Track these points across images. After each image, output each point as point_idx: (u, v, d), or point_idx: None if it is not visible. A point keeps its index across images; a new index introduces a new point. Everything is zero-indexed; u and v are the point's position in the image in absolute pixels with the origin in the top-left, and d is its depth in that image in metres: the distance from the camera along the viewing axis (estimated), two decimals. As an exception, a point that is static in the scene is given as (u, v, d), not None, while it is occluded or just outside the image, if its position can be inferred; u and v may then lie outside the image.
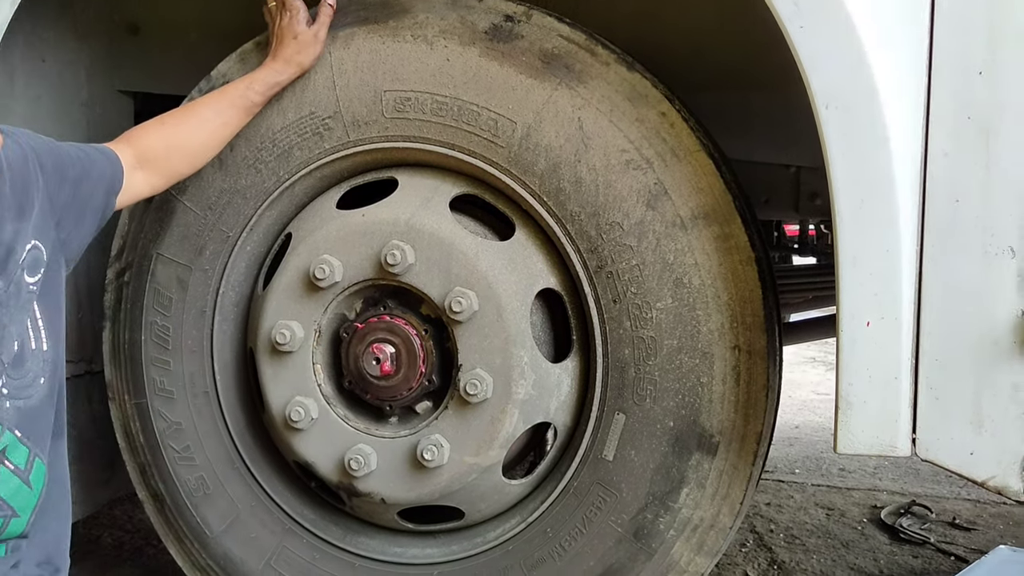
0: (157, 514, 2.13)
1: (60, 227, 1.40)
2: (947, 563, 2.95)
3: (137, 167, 1.63)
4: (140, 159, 1.64)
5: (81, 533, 3.02)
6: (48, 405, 1.36)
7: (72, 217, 1.44)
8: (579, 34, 1.74)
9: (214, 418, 2.01)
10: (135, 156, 1.63)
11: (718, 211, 1.68)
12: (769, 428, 1.75)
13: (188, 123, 1.74)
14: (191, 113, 1.77)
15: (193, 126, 1.74)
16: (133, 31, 2.31)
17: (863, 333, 1.50)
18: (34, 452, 1.33)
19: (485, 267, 1.75)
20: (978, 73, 1.44)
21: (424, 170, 1.87)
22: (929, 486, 3.83)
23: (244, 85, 1.77)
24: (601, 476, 1.79)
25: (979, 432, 1.48)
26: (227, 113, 1.76)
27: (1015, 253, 1.44)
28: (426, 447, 1.79)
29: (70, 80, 2.24)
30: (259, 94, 1.78)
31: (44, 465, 1.36)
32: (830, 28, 1.46)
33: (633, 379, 1.74)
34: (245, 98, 1.76)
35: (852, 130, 1.47)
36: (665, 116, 1.69)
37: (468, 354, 1.77)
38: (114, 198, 1.55)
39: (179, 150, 1.72)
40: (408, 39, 1.79)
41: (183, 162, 1.75)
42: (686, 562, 1.79)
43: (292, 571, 2.02)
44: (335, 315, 1.89)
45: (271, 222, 1.96)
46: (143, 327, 2.02)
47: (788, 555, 3.02)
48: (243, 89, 1.77)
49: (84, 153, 1.51)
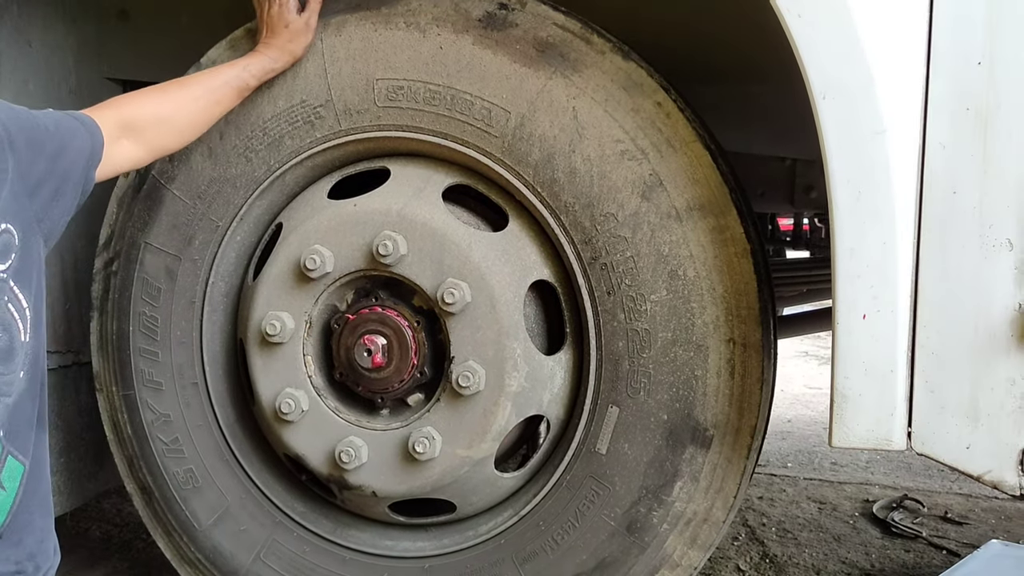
0: (145, 507, 2.11)
1: (35, 203, 1.32)
2: (939, 557, 2.96)
3: (121, 136, 1.55)
4: (125, 127, 1.56)
5: (69, 526, 3.00)
6: (28, 399, 1.30)
7: (48, 192, 1.35)
8: (574, 22, 1.72)
9: (203, 410, 1.99)
10: (120, 124, 1.55)
11: (714, 203, 1.67)
12: (763, 422, 1.74)
13: (179, 96, 1.69)
14: (183, 87, 1.72)
15: (184, 100, 1.69)
16: (122, 17, 2.28)
17: (859, 326, 1.49)
18: (7, 450, 1.26)
19: (478, 258, 1.74)
20: (977, 64, 1.43)
21: (417, 160, 1.85)
22: (921, 480, 3.84)
23: (240, 67, 1.75)
24: (594, 469, 1.78)
25: (975, 426, 1.47)
26: (220, 91, 1.72)
27: (1013, 246, 1.43)
28: (418, 440, 1.77)
29: (57, 66, 2.21)
30: (254, 77, 1.77)
31: (21, 463, 1.29)
32: (827, 17, 1.45)
33: (627, 372, 1.73)
34: (240, 79, 1.74)
35: (849, 121, 1.45)
36: (661, 106, 1.68)
37: (460, 346, 1.75)
38: (94, 171, 1.47)
39: (166, 123, 1.65)
40: (401, 26, 1.77)
41: (169, 136, 1.68)
42: (679, 556, 1.78)
43: (282, 564, 2.00)
44: (326, 306, 1.87)
45: (261, 212, 1.94)
46: (131, 317, 1.99)
47: (780, 549, 3.02)
48: (239, 71, 1.74)
49: (63, 123, 1.42)
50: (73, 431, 2.26)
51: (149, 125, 1.61)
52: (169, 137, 1.68)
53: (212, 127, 1.79)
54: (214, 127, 1.81)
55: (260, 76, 1.77)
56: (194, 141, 1.81)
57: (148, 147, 1.63)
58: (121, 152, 1.56)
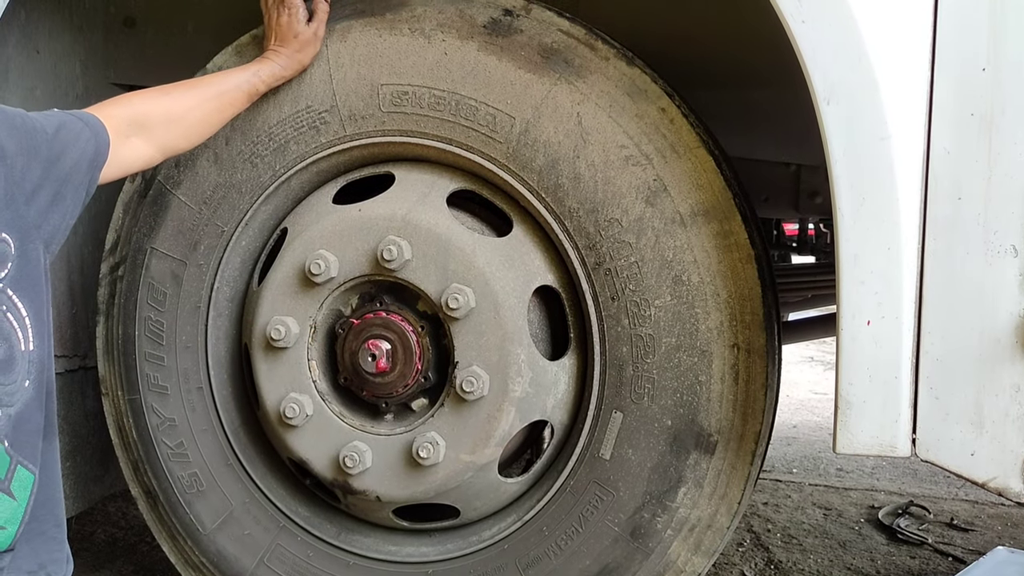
0: (150, 511, 2.11)
1: (31, 209, 1.28)
2: (945, 564, 2.95)
3: (130, 134, 1.52)
4: (135, 125, 1.53)
5: (75, 529, 3.00)
6: (35, 408, 1.27)
7: (46, 197, 1.31)
8: (579, 28, 1.73)
9: (208, 414, 2.00)
10: (129, 121, 1.52)
11: (718, 208, 1.67)
12: (768, 427, 1.73)
13: (190, 96, 1.68)
14: (194, 87, 1.72)
15: (195, 100, 1.68)
16: (129, 24, 2.30)
17: (863, 332, 1.49)
18: (16, 460, 1.24)
19: (482, 263, 1.74)
20: (981, 69, 1.42)
21: (421, 165, 1.85)
22: (927, 487, 3.82)
23: (251, 72, 1.75)
24: (598, 475, 1.78)
25: (980, 433, 1.47)
26: (231, 94, 1.73)
27: (1017, 252, 1.43)
28: (422, 445, 1.77)
29: (65, 72, 2.23)
30: (264, 83, 1.77)
31: (31, 473, 1.27)
32: (832, 23, 1.45)
33: (631, 377, 1.73)
34: (250, 84, 1.75)
35: (853, 126, 1.45)
36: (665, 112, 1.68)
37: (465, 351, 1.75)
38: (98, 172, 1.43)
39: (177, 122, 1.63)
40: (405, 32, 1.77)
41: (179, 135, 1.66)
42: (683, 562, 1.78)
43: (286, 569, 2.00)
44: (331, 311, 1.87)
45: (266, 217, 1.95)
46: (137, 322, 2.00)
47: (785, 555, 3.01)
48: (249, 75, 1.75)
49: (65, 126, 1.37)
50: (79, 435, 2.27)
51: (159, 123, 1.59)
52: (179, 136, 1.66)
53: (219, 132, 1.80)
54: (220, 132, 1.82)
55: (270, 82, 1.78)
56: (200, 146, 1.82)
57: (158, 145, 1.61)
58: (131, 150, 1.53)
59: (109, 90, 2.34)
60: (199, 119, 1.69)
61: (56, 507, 1.37)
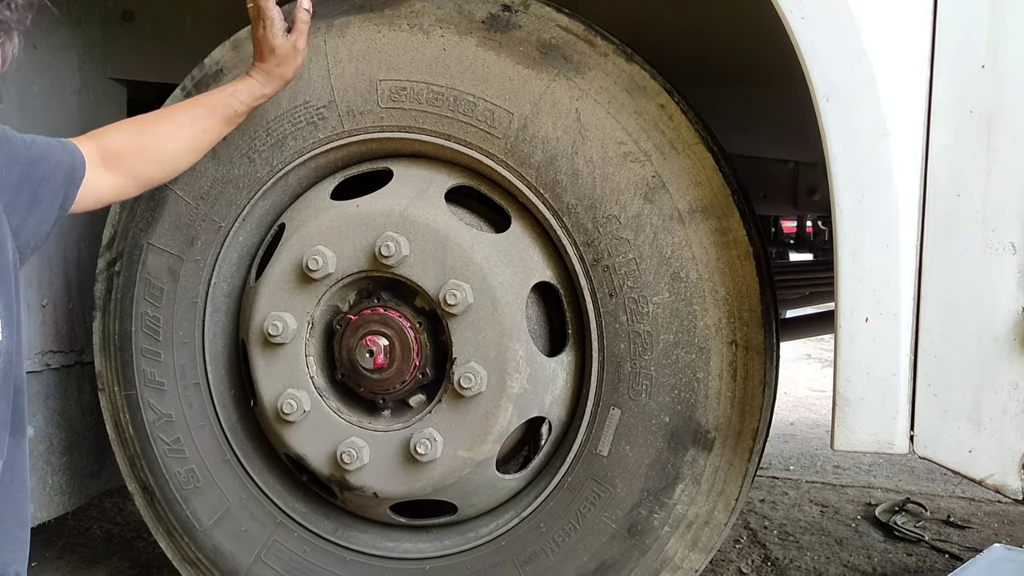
0: (147, 507, 2.11)
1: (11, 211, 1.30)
2: (941, 561, 2.95)
3: (101, 164, 1.53)
4: (105, 157, 1.54)
5: (71, 525, 3.00)
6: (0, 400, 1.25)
7: (25, 199, 1.34)
8: (578, 24, 1.72)
9: (205, 410, 1.99)
10: (99, 153, 1.53)
11: (716, 205, 1.66)
12: (765, 424, 1.73)
13: (161, 126, 1.65)
14: (166, 117, 1.69)
15: (167, 130, 1.65)
16: (127, 18, 2.29)
17: (862, 329, 1.49)
18: None
19: (480, 259, 1.74)
20: (980, 67, 1.42)
21: (419, 161, 1.85)
22: (924, 484, 3.83)
23: (228, 93, 1.69)
24: (596, 471, 1.78)
25: (978, 430, 1.47)
26: (206, 120, 1.67)
27: (1016, 249, 1.43)
28: (419, 441, 1.77)
29: (62, 66, 2.22)
30: (243, 104, 1.70)
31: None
32: (831, 19, 1.45)
33: (629, 374, 1.72)
34: (228, 107, 1.69)
35: (852, 123, 1.45)
36: (664, 108, 1.68)
37: (462, 347, 1.75)
38: (75, 190, 1.46)
39: (149, 152, 1.62)
40: (404, 28, 1.77)
41: (153, 166, 1.64)
42: (680, 558, 1.78)
43: (283, 565, 2.00)
44: (328, 307, 1.87)
45: (264, 212, 1.94)
46: (134, 318, 2.00)
47: (782, 552, 3.01)
48: (226, 97, 1.69)
49: (39, 140, 1.42)
50: (75, 430, 2.27)
51: (130, 155, 1.59)
52: (152, 167, 1.65)
53: None
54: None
55: (249, 102, 1.71)
56: None
57: (132, 177, 1.61)
58: (104, 180, 1.55)
59: (107, 84, 2.33)
60: (170, 149, 1.66)
61: (19, 507, 1.34)
